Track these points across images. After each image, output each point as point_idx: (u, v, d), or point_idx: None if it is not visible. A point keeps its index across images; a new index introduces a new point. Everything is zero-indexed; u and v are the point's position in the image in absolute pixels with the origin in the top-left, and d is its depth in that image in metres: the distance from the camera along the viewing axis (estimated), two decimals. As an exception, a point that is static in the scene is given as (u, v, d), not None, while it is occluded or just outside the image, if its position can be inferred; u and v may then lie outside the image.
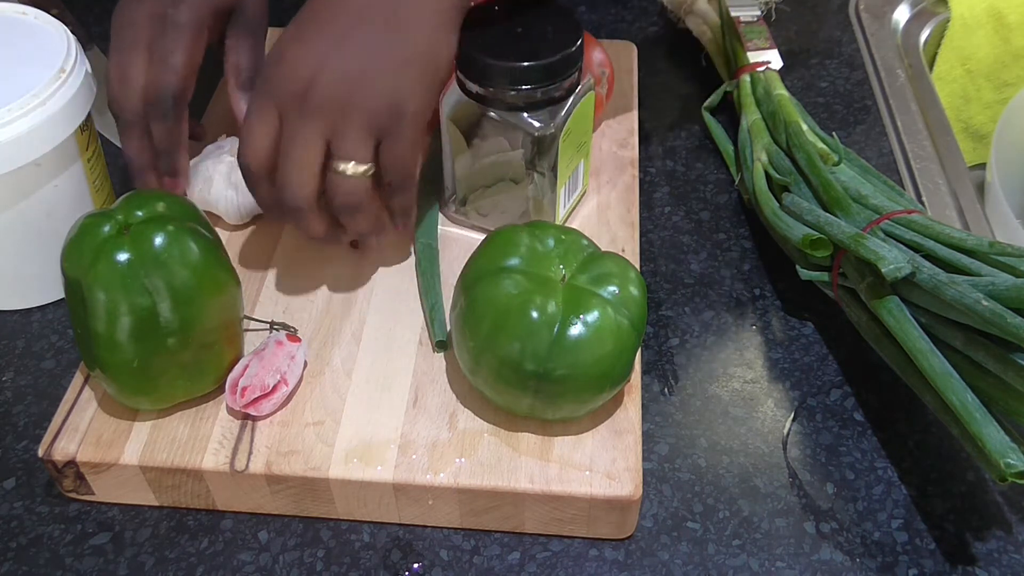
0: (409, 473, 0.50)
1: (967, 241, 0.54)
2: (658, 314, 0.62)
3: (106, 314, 0.47)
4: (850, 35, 0.86)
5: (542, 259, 0.50)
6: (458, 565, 0.50)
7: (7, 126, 0.54)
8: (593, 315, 0.48)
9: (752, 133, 0.68)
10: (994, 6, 0.88)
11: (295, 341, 0.54)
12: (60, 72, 0.56)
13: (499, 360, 0.48)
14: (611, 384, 0.50)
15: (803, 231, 0.58)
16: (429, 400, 0.53)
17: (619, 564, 0.51)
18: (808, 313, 0.62)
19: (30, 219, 0.58)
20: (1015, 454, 0.46)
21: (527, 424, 0.52)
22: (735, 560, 0.51)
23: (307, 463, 0.50)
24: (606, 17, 0.87)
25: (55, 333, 0.61)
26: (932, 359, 0.51)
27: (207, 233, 0.51)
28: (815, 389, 0.58)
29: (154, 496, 0.52)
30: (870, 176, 0.63)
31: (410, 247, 0.62)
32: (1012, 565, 0.50)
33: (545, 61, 0.54)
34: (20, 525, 0.52)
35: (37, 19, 0.60)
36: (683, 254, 0.66)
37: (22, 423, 0.57)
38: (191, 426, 0.52)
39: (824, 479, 0.54)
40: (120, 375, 0.49)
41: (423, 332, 0.57)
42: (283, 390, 0.52)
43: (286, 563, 0.51)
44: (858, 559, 0.51)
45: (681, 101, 0.79)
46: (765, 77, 0.71)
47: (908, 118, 0.77)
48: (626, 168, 0.67)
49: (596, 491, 0.49)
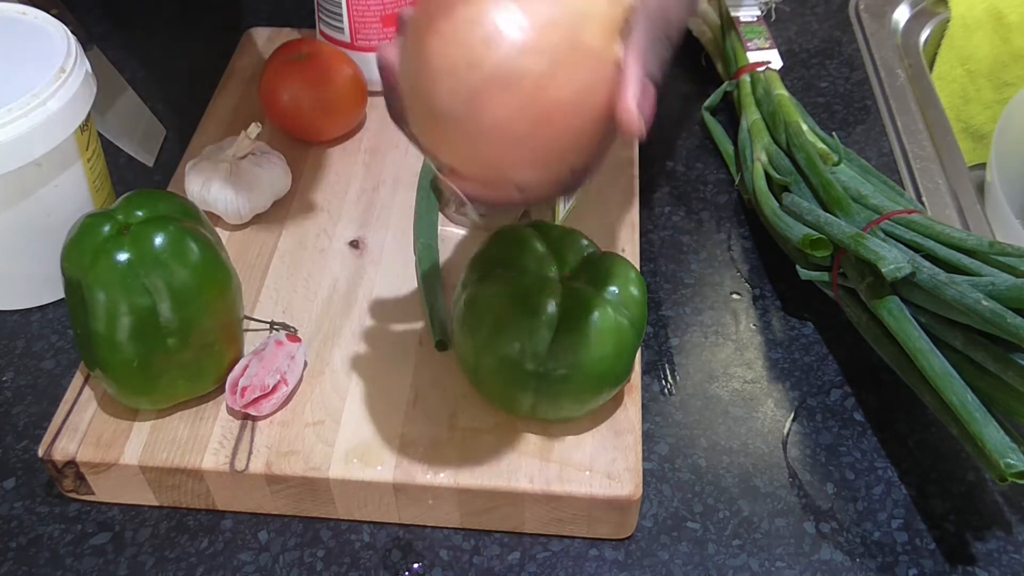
0: (409, 473, 0.50)
1: (967, 241, 0.54)
2: (658, 314, 0.62)
3: (106, 314, 0.47)
4: (850, 35, 0.86)
5: (542, 259, 0.50)
6: (458, 565, 0.50)
7: (7, 126, 0.54)
8: (593, 315, 0.48)
9: (752, 133, 0.68)
10: (994, 6, 0.88)
11: (295, 341, 0.54)
12: (60, 72, 0.56)
13: (499, 360, 0.48)
14: (611, 384, 0.50)
15: (803, 231, 0.58)
16: (429, 400, 0.53)
17: (619, 564, 0.51)
18: (808, 313, 0.62)
19: (30, 219, 0.58)
20: (1015, 454, 0.46)
21: (527, 424, 0.52)
22: (735, 560, 0.51)
23: (307, 463, 0.50)
24: (606, 17, 0.87)
25: (55, 333, 0.61)
26: (932, 359, 0.51)
27: (207, 233, 0.51)
28: (815, 389, 0.58)
29: (154, 496, 0.52)
30: (870, 176, 0.63)
31: (410, 247, 0.62)
32: (1012, 565, 0.50)
33: (545, 61, 0.54)
34: (20, 525, 0.52)
35: (37, 19, 0.60)
36: (683, 254, 0.66)
37: (22, 423, 0.57)
38: (191, 426, 0.52)
39: (824, 479, 0.54)
40: (120, 375, 0.49)
41: (423, 332, 0.57)
42: (283, 390, 0.52)
43: (286, 563, 0.51)
44: (858, 559, 0.51)
45: (681, 101, 0.79)
46: (765, 77, 0.71)
47: (908, 118, 0.77)
48: (626, 168, 0.67)
49: (596, 491, 0.49)
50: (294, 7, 0.85)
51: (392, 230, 0.63)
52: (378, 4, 0.68)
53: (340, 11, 0.69)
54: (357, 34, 0.70)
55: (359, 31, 0.70)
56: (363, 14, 0.69)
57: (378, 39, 0.70)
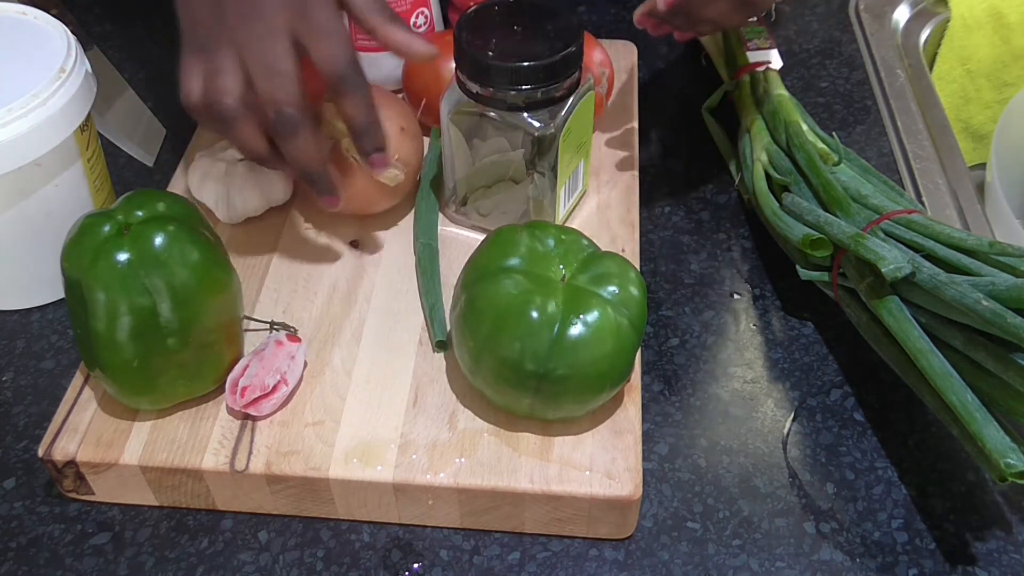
0: (409, 473, 0.50)
1: (967, 241, 0.54)
2: (658, 314, 0.62)
3: (106, 314, 0.47)
4: (850, 35, 0.86)
5: (542, 259, 0.50)
6: (458, 565, 0.50)
7: (7, 126, 0.54)
8: (593, 315, 0.48)
9: (752, 133, 0.68)
10: (994, 6, 0.88)
11: (295, 341, 0.54)
12: (60, 72, 0.56)
13: (499, 360, 0.48)
14: (611, 384, 0.50)
15: (803, 231, 0.58)
16: (429, 400, 0.53)
17: (619, 564, 0.51)
18: (808, 313, 0.62)
19: (30, 219, 0.58)
20: (1015, 454, 0.46)
21: (527, 424, 0.52)
22: (735, 560, 0.51)
23: (307, 463, 0.50)
24: (606, 17, 0.87)
25: (55, 333, 0.61)
26: (932, 359, 0.51)
27: (207, 233, 0.51)
28: (815, 389, 0.58)
29: (154, 496, 0.52)
30: (870, 176, 0.63)
31: (410, 247, 0.62)
32: (1012, 565, 0.50)
33: (545, 61, 0.54)
34: (20, 525, 0.52)
35: (37, 19, 0.60)
36: (683, 254, 0.66)
37: (22, 423, 0.57)
38: (191, 426, 0.52)
39: (824, 479, 0.54)
40: (120, 375, 0.49)
41: (423, 332, 0.57)
42: (283, 390, 0.52)
43: (286, 563, 0.51)
44: (858, 559, 0.51)
45: (681, 101, 0.79)
46: (765, 77, 0.71)
47: (908, 118, 0.77)
48: (626, 168, 0.67)
49: (596, 491, 0.49)
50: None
51: (392, 230, 0.63)
52: (378, 4, 0.68)
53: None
54: (357, 34, 0.70)
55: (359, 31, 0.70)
56: (363, 14, 0.69)
57: (378, 39, 0.70)
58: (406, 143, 0.59)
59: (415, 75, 0.69)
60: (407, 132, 0.60)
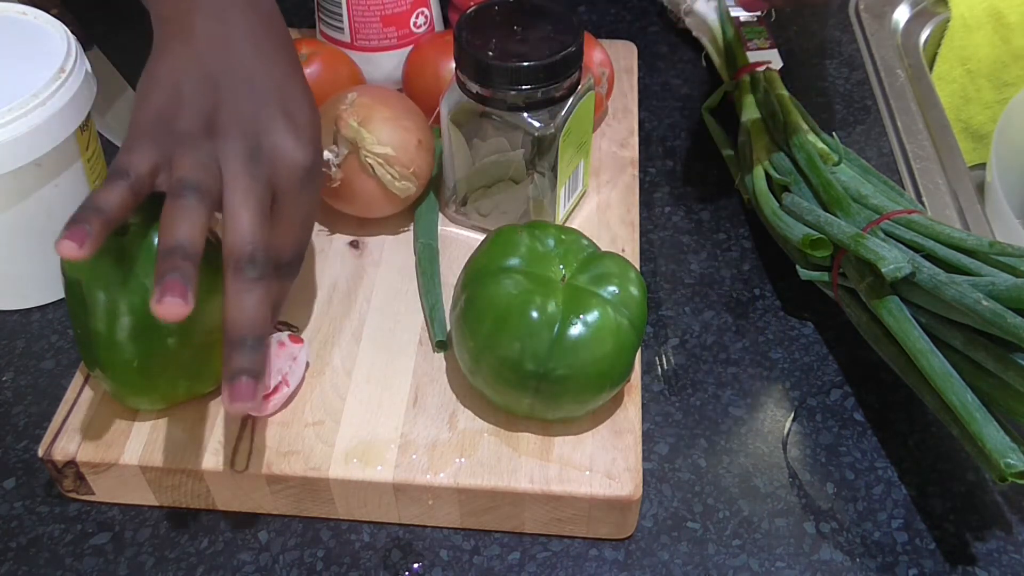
0: (409, 473, 0.50)
1: (967, 241, 0.54)
2: (658, 314, 0.62)
3: (106, 314, 0.47)
4: (850, 35, 0.86)
5: (542, 259, 0.50)
6: (458, 565, 0.50)
7: (7, 126, 0.54)
8: (593, 315, 0.48)
9: (752, 133, 0.68)
10: (994, 6, 0.88)
11: (297, 342, 0.54)
12: (60, 72, 0.56)
13: (499, 360, 0.48)
14: (611, 384, 0.50)
15: (803, 231, 0.58)
16: (429, 400, 0.53)
17: (619, 564, 0.51)
18: (808, 313, 0.62)
19: (30, 219, 0.58)
20: (1015, 454, 0.46)
21: (527, 424, 0.52)
22: (735, 560, 0.51)
23: (307, 463, 0.50)
24: (606, 17, 0.87)
25: (55, 333, 0.61)
26: (932, 359, 0.51)
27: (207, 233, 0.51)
28: (815, 389, 0.58)
29: (154, 496, 0.52)
30: (870, 176, 0.63)
31: (410, 247, 0.62)
32: (1012, 565, 0.50)
33: (545, 61, 0.54)
34: (20, 525, 0.52)
35: (37, 19, 0.60)
36: (683, 254, 0.66)
37: (22, 423, 0.57)
38: (191, 426, 0.52)
39: (824, 479, 0.54)
40: (120, 375, 0.49)
41: (423, 332, 0.57)
42: (284, 391, 0.52)
43: (286, 563, 0.51)
44: (858, 559, 0.51)
45: (681, 101, 0.79)
46: (765, 77, 0.71)
47: (908, 118, 0.77)
48: (626, 168, 0.67)
49: (596, 491, 0.49)
50: (294, 7, 0.85)
51: (392, 230, 0.63)
52: (378, 4, 0.68)
53: (340, 11, 0.69)
54: (357, 34, 0.70)
55: (359, 31, 0.70)
56: (363, 14, 0.69)
57: (378, 39, 0.70)
58: (421, 156, 0.59)
59: (415, 75, 0.69)
60: (423, 145, 0.59)
